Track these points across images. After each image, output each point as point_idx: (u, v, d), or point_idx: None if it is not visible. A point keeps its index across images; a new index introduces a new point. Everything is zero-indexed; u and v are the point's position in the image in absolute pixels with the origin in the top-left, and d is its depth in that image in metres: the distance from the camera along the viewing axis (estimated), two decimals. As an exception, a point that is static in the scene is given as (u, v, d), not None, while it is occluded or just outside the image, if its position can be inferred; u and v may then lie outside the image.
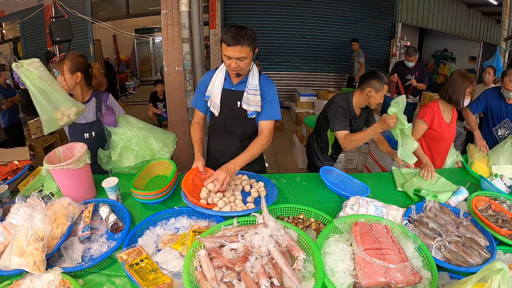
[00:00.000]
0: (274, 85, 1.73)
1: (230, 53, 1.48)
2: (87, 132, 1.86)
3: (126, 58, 9.81)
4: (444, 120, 2.10)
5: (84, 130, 1.86)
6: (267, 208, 1.24)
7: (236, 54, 1.48)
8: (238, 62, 1.51)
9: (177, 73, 3.18)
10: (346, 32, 6.90)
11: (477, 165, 1.97)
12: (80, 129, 1.85)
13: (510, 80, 2.34)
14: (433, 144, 2.14)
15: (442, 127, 2.09)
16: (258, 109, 1.69)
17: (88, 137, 1.86)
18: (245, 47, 1.47)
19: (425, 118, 2.09)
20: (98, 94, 1.90)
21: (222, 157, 1.67)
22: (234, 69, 1.54)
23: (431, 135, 2.11)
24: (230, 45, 1.46)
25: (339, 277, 1.03)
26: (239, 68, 1.54)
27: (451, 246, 1.20)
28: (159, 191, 1.46)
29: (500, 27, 4.84)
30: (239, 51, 1.47)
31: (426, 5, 6.91)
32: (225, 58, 1.53)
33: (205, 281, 0.98)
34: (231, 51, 1.48)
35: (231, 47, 1.46)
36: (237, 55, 1.48)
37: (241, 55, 1.49)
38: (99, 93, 1.91)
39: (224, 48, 1.50)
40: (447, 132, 2.11)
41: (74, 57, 1.78)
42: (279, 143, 4.95)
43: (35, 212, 1.13)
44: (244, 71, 1.59)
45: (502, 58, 4.62)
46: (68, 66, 1.74)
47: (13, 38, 7.21)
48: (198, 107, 1.82)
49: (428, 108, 2.12)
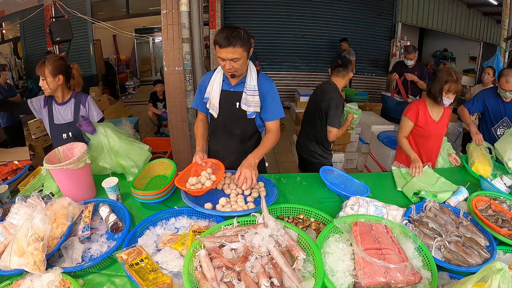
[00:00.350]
0: (274, 83, 1.73)
1: (223, 54, 1.47)
2: (66, 132, 1.90)
3: (126, 58, 9.81)
4: (431, 117, 2.10)
5: (63, 130, 1.90)
6: (267, 208, 1.24)
7: (229, 56, 1.47)
8: (232, 63, 1.50)
9: (177, 73, 3.18)
10: (346, 32, 6.89)
11: (477, 165, 1.97)
12: (59, 129, 1.90)
13: (507, 81, 2.34)
14: (421, 141, 2.15)
15: (428, 124, 2.09)
16: (257, 109, 1.68)
17: (67, 137, 1.89)
18: (238, 48, 1.46)
19: (408, 114, 2.11)
20: (78, 95, 1.94)
21: (222, 158, 1.67)
22: (229, 70, 1.54)
23: (417, 132, 2.13)
24: (223, 47, 1.45)
25: (339, 277, 1.03)
26: (233, 69, 1.53)
27: (451, 246, 1.20)
28: (159, 191, 1.46)
29: (500, 27, 4.83)
30: (232, 52, 1.46)
31: (426, 5, 6.90)
32: (219, 60, 1.53)
33: (205, 281, 0.98)
34: (224, 53, 1.47)
35: (223, 48, 1.45)
36: (230, 57, 1.47)
37: (234, 56, 1.47)
38: (78, 94, 1.94)
39: (217, 50, 1.49)
40: (434, 129, 2.10)
41: (55, 60, 1.81)
42: (279, 143, 4.88)
43: (35, 212, 1.13)
44: (240, 72, 1.59)
45: (502, 58, 4.61)
46: (49, 69, 1.77)
47: (13, 38, 7.22)
48: (199, 108, 1.83)
49: (413, 104, 2.13)
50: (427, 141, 2.14)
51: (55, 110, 1.90)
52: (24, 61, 7.02)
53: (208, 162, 1.63)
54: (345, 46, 6.10)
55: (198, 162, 1.59)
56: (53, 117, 1.90)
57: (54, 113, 1.90)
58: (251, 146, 1.78)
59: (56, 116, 1.90)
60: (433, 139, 2.14)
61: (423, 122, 2.09)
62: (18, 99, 4.22)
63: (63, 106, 1.90)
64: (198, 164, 1.60)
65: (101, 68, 7.90)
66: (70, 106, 1.91)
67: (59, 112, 1.90)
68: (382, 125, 3.99)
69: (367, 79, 7.35)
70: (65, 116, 1.90)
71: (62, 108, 1.90)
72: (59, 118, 1.90)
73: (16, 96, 4.16)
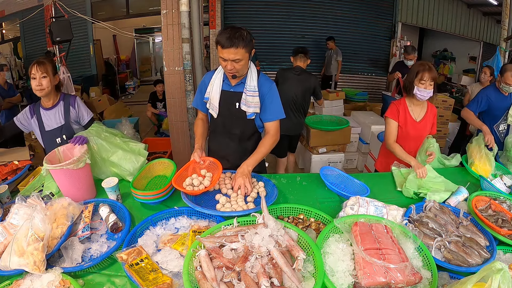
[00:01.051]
0: (274, 84, 1.73)
1: (225, 55, 1.47)
2: (59, 136, 1.85)
3: (126, 58, 9.81)
4: (411, 117, 2.02)
5: (55, 135, 1.85)
6: (267, 208, 1.24)
7: (231, 56, 1.46)
8: (233, 64, 1.50)
9: (177, 73, 3.18)
10: (346, 32, 6.90)
11: (477, 165, 1.97)
12: (52, 134, 1.85)
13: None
14: (399, 142, 2.03)
15: (408, 124, 2.01)
16: (257, 110, 1.68)
17: (60, 142, 1.85)
18: (240, 49, 1.46)
19: (389, 114, 2.04)
20: (66, 97, 1.90)
21: (221, 158, 1.67)
22: (230, 71, 1.54)
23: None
24: (225, 47, 1.45)
25: (339, 277, 1.03)
26: (235, 70, 1.53)
27: (451, 246, 1.20)
28: (159, 191, 1.46)
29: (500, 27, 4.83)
30: (234, 53, 1.46)
31: (426, 5, 6.91)
32: (221, 60, 1.52)
33: (205, 281, 0.98)
34: (226, 53, 1.46)
35: (225, 49, 1.45)
36: (232, 57, 1.47)
37: (236, 57, 1.47)
38: (67, 96, 1.91)
39: (219, 50, 1.49)
40: (413, 129, 2.02)
41: (51, 60, 1.81)
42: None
43: (35, 212, 1.13)
44: (241, 72, 1.59)
45: (502, 58, 4.61)
46: (50, 68, 1.76)
47: (13, 38, 7.22)
48: (199, 107, 1.83)
49: (391, 104, 2.06)
50: (405, 142, 2.04)
51: (44, 117, 1.85)
52: (24, 61, 7.02)
53: (206, 160, 1.63)
54: (331, 45, 6.06)
55: (196, 160, 1.59)
56: (43, 124, 1.84)
57: (44, 119, 1.84)
58: (250, 146, 1.78)
59: (46, 122, 1.85)
60: (413, 140, 2.05)
61: (402, 121, 2.02)
62: (18, 99, 4.22)
63: (52, 110, 1.85)
64: (196, 162, 1.59)
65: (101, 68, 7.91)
66: (59, 109, 1.85)
67: (48, 118, 1.85)
68: (382, 125, 3.98)
69: (367, 79, 7.35)
70: (56, 120, 1.85)
71: (52, 113, 1.85)
72: (49, 123, 1.85)
73: (16, 96, 4.16)
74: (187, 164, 1.58)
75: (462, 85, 6.39)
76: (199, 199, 1.52)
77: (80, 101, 1.95)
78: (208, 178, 1.53)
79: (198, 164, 1.60)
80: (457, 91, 6.24)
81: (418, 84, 1.89)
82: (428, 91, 1.88)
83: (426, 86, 1.87)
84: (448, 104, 3.82)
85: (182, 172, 1.54)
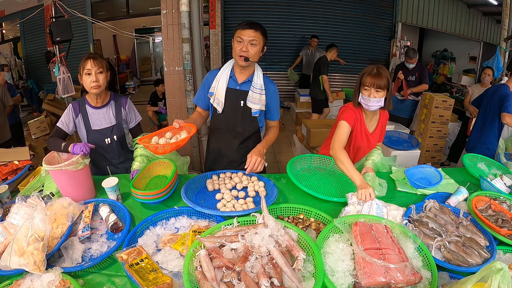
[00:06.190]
0: (276, 85, 1.79)
1: (243, 34, 1.56)
2: (109, 136, 1.79)
3: (126, 58, 9.80)
4: (366, 128, 1.77)
5: (105, 135, 1.78)
6: (267, 208, 1.24)
7: (250, 36, 1.56)
8: (248, 46, 1.57)
9: (177, 73, 3.18)
10: (346, 32, 6.89)
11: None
12: (101, 134, 1.78)
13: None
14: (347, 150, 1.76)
15: (362, 136, 1.77)
16: (262, 108, 1.74)
17: (110, 142, 1.80)
18: (259, 33, 1.57)
19: (345, 117, 1.68)
20: (117, 97, 1.83)
21: (222, 155, 1.68)
22: (244, 52, 1.58)
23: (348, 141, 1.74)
24: (245, 29, 1.56)
25: (339, 277, 1.03)
26: (248, 53, 1.58)
27: (451, 246, 1.20)
28: (159, 191, 1.46)
29: (500, 27, 4.83)
30: (253, 35, 1.56)
31: (426, 5, 6.90)
32: (236, 42, 1.59)
33: (205, 281, 0.98)
34: (245, 34, 1.56)
35: (245, 30, 1.56)
36: (251, 37, 1.56)
37: (254, 38, 1.56)
38: (118, 96, 1.83)
39: (237, 32, 1.58)
40: (366, 142, 1.78)
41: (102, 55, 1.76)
42: (279, 143, 4.94)
43: (35, 212, 1.13)
44: (252, 58, 1.62)
45: (502, 58, 4.61)
46: (105, 63, 1.70)
47: (13, 38, 7.22)
48: (199, 104, 1.83)
49: (348, 108, 1.74)
50: (356, 154, 1.85)
51: (91, 116, 1.75)
52: (24, 61, 7.01)
53: (186, 126, 1.57)
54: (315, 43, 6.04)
55: (175, 126, 1.53)
56: (89, 123, 1.75)
57: (91, 118, 1.75)
58: (251, 145, 1.78)
59: (93, 121, 1.75)
60: (361, 153, 1.86)
61: (357, 132, 1.75)
62: (18, 99, 4.22)
63: (102, 109, 1.76)
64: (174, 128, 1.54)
65: (101, 68, 7.88)
66: (110, 109, 1.78)
67: (97, 117, 1.76)
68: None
69: (367, 79, 7.33)
70: (106, 120, 1.77)
71: (101, 112, 1.76)
72: (98, 123, 1.75)
73: (16, 96, 4.15)
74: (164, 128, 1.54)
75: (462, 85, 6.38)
76: (199, 199, 1.52)
77: (131, 103, 1.88)
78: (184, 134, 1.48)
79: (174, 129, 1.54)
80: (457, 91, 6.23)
81: (362, 91, 1.63)
82: (374, 100, 1.59)
83: (370, 93, 1.60)
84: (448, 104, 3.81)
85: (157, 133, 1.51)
